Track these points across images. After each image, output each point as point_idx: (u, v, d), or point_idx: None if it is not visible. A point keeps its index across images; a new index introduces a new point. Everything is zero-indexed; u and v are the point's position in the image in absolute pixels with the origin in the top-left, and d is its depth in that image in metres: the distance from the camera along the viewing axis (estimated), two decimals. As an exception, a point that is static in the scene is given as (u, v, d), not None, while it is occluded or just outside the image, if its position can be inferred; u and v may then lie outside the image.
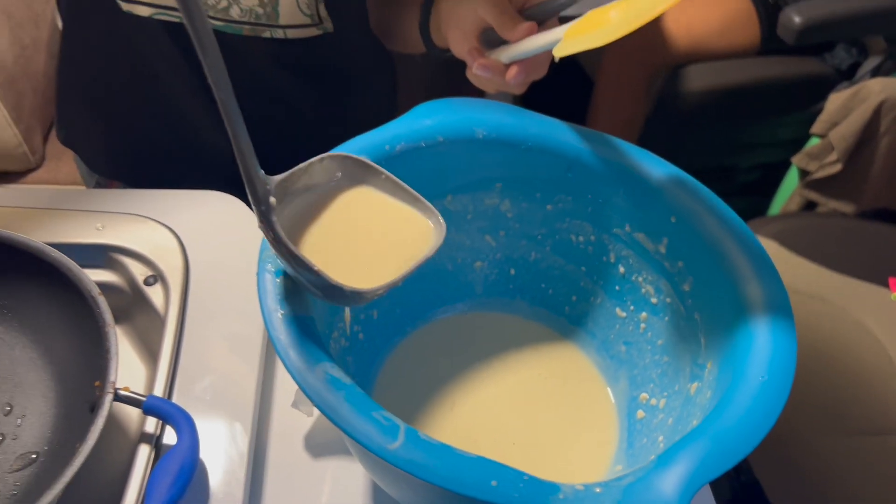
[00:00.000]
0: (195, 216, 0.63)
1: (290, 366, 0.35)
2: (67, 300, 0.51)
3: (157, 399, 0.47)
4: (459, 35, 0.58)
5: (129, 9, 0.64)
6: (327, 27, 0.69)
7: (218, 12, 0.65)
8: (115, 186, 0.81)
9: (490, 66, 0.55)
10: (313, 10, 0.68)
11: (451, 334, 0.57)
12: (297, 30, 0.68)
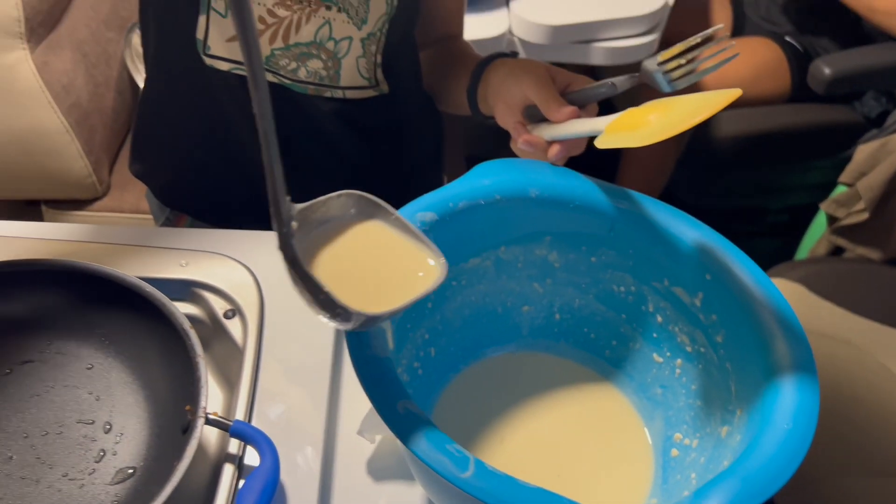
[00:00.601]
0: (268, 255, 0.70)
1: (376, 401, 0.41)
2: (160, 330, 0.58)
3: (241, 423, 0.53)
4: (505, 108, 0.64)
5: (211, 63, 0.72)
6: (383, 89, 0.76)
7: (288, 73, 0.72)
8: (184, 220, 0.88)
9: (534, 143, 0.60)
10: (371, 73, 0.75)
11: (500, 372, 0.62)
12: (355, 91, 0.75)
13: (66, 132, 1.15)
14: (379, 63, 0.75)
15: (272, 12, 0.68)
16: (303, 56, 0.71)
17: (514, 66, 0.65)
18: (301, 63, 0.71)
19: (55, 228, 0.70)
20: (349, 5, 0.69)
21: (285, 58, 0.71)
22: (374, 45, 0.73)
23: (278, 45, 0.70)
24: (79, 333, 0.61)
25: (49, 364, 0.60)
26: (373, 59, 0.74)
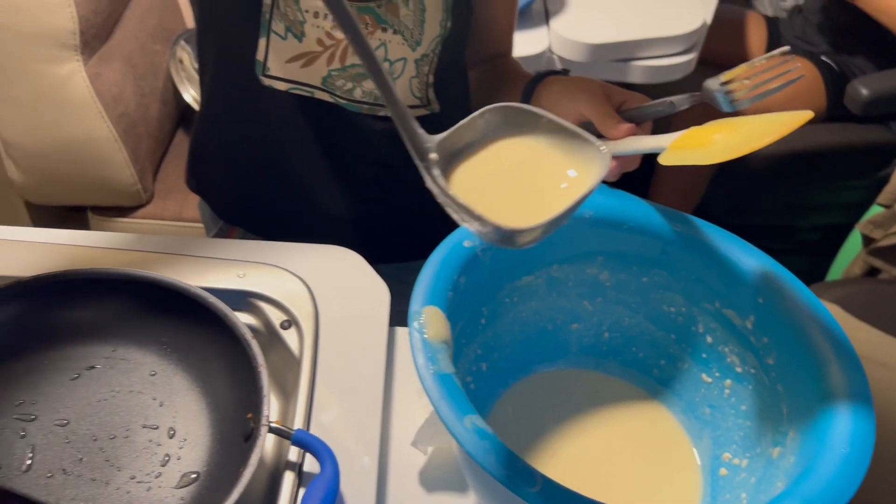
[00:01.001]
0: (321, 268, 0.72)
1: (444, 416, 0.43)
2: (221, 340, 0.60)
3: (303, 432, 0.54)
4: None
5: (270, 84, 0.74)
6: (434, 108, 0.78)
7: (344, 93, 0.74)
8: (236, 232, 0.90)
9: None
10: (423, 93, 0.77)
11: (549, 388, 0.64)
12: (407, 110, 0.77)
13: (114, 141, 1.19)
14: (431, 83, 0.76)
15: (330, 35, 0.70)
16: (359, 76, 0.73)
17: (567, 84, 0.66)
18: (357, 83, 0.73)
19: (116, 238, 0.73)
20: (405, 28, 0.71)
21: (342, 78, 0.73)
22: (426, 66, 0.75)
23: (335, 67, 0.72)
24: (142, 341, 0.64)
25: (114, 370, 0.62)
26: (425, 78, 0.76)
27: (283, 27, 0.70)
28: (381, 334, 0.67)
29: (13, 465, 0.55)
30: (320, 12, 0.69)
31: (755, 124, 0.50)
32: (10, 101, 1.12)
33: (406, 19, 0.70)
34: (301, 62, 0.72)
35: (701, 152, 0.51)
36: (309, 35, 0.70)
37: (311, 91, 0.74)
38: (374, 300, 0.70)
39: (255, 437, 0.53)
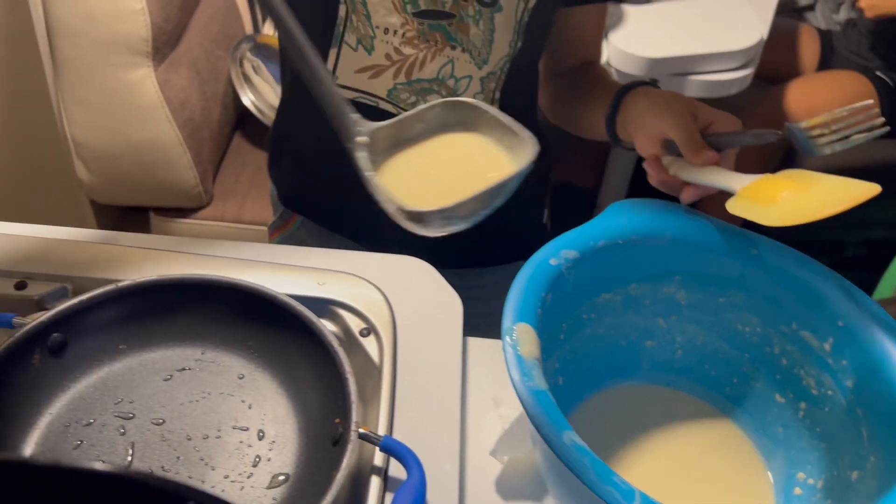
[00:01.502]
0: (396, 278, 0.74)
1: (543, 433, 0.44)
2: (308, 346, 0.62)
3: (390, 439, 0.56)
4: (644, 140, 0.66)
5: None
6: None
7: (407, 105, 0.76)
8: (294, 220, 0.94)
9: (668, 183, 0.63)
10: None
11: (621, 403, 0.65)
12: None
13: (179, 145, 1.22)
14: (497, 99, 0.78)
15: (398, 50, 0.72)
16: (423, 91, 0.75)
17: (655, 99, 0.66)
18: (421, 97, 0.75)
19: (196, 243, 0.76)
20: (473, 46, 0.73)
21: (406, 92, 0.75)
22: (493, 83, 0.76)
23: (401, 80, 0.74)
24: (229, 345, 0.66)
25: (204, 372, 0.65)
26: (490, 95, 0.77)
27: (354, 39, 0.73)
28: (455, 344, 0.69)
29: (116, 462, 0.58)
30: (390, 29, 0.71)
31: (824, 187, 0.50)
32: (83, 105, 1.16)
33: (475, 38, 0.72)
34: (369, 73, 0.75)
35: (767, 211, 0.51)
36: (378, 49, 0.73)
37: (377, 101, 0.76)
38: (448, 310, 0.72)
39: (345, 441, 0.55)
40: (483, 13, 0.70)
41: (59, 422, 0.60)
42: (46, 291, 0.69)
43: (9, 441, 0.57)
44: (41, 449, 0.58)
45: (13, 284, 0.69)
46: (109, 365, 0.64)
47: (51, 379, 0.60)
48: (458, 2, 0.70)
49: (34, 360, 0.59)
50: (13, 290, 0.69)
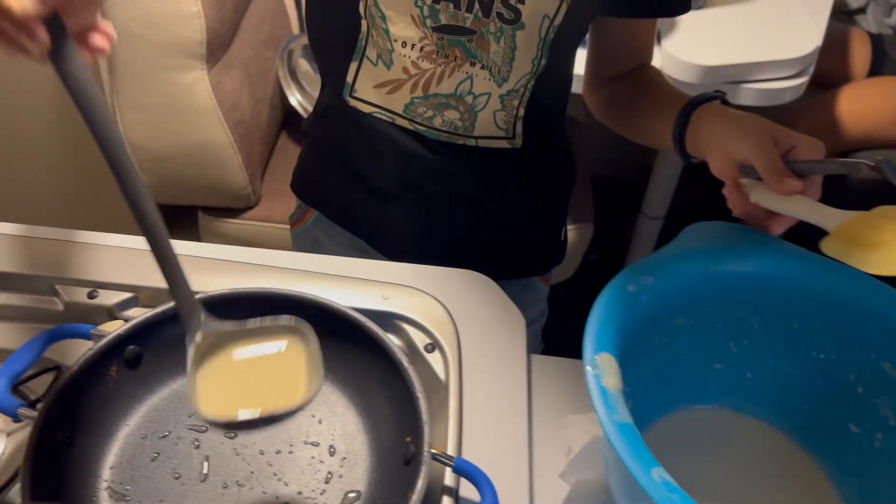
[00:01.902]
0: (458, 292, 0.74)
1: (631, 468, 0.44)
2: (376, 362, 0.62)
3: (463, 461, 0.57)
4: (721, 162, 0.63)
5: (355, 105, 0.77)
6: (516, 143, 0.79)
7: (425, 120, 0.76)
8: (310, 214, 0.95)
9: (753, 214, 0.60)
10: (510, 125, 0.77)
11: (689, 427, 0.65)
12: (488, 140, 0.78)
13: (230, 146, 1.23)
14: (521, 116, 0.76)
15: (416, 64, 0.72)
16: (440, 106, 0.74)
17: (731, 122, 0.63)
18: (438, 112, 0.75)
19: (260, 254, 0.76)
20: (492, 63, 0.71)
21: (423, 106, 0.75)
22: (516, 100, 0.75)
23: (418, 94, 0.74)
24: (298, 358, 0.67)
25: (274, 385, 0.65)
26: (514, 111, 0.76)
27: (375, 54, 0.73)
28: (520, 362, 0.69)
29: (192, 475, 0.59)
30: (408, 42, 0.71)
31: None
32: (138, 107, 1.18)
33: (495, 56, 0.71)
34: (387, 88, 0.75)
35: (867, 258, 0.48)
36: (396, 63, 0.72)
37: (392, 117, 0.76)
38: (511, 326, 0.72)
39: (419, 462, 0.55)
40: (504, 31, 0.69)
41: (137, 433, 0.61)
42: (117, 301, 0.71)
43: (91, 451, 0.58)
44: (120, 460, 0.59)
45: (86, 294, 0.71)
46: (182, 377, 0.65)
47: (127, 390, 0.61)
48: (480, 18, 0.68)
49: (112, 372, 0.60)
50: (86, 298, 0.70)
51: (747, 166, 0.61)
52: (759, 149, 0.59)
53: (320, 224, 0.93)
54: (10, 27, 0.40)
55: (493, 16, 0.68)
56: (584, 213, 1.41)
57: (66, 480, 0.55)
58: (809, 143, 0.59)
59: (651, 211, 1.49)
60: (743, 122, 0.62)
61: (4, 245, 0.73)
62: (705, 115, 0.68)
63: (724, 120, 0.64)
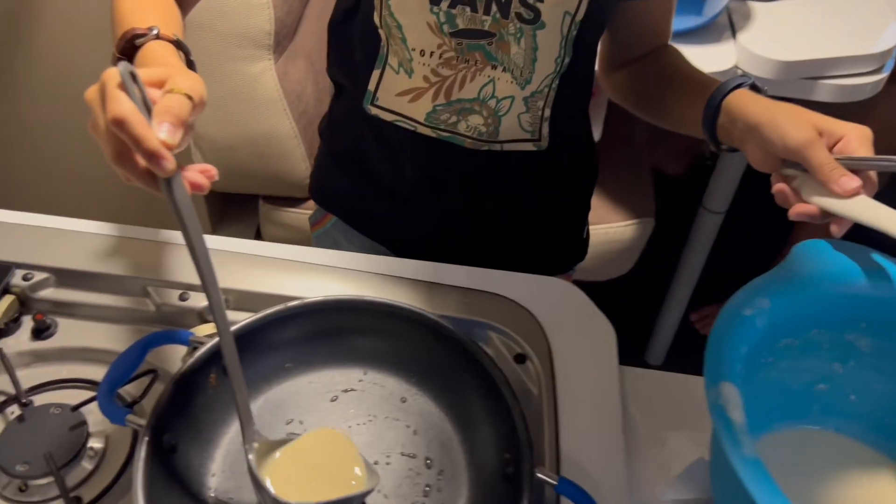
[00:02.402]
0: (545, 300, 0.73)
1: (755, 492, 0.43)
2: (470, 372, 0.62)
3: (567, 482, 0.56)
4: (761, 155, 0.58)
5: (376, 113, 0.76)
6: (542, 145, 0.77)
7: (448, 126, 0.74)
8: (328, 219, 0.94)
9: (809, 214, 0.55)
10: (535, 128, 0.75)
11: (790, 447, 0.63)
12: (514, 143, 0.76)
13: (294, 137, 1.23)
14: (547, 117, 0.75)
15: (436, 72, 0.71)
16: (464, 111, 0.73)
17: (770, 112, 0.58)
18: (461, 118, 0.73)
19: (340, 257, 0.76)
20: (514, 66, 0.69)
21: (447, 112, 0.73)
22: (540, 101, 0.73)
23: (441, 102, 0.72)
24: (390, 366, 0.67)
25: (367, 393, 0.65)
26: (539, 113, 0.74)
27: (396, 62, 0.72)
28: (612, 375, 0.68)
29: (293, 485, 0.59)
30: (426, 51, 0.69)
31: None
32: (205, 97, 1.17)
33: (517, 57, 0.69)
34: (409, 97, 0.73)
35: None
36: (417, 71, 0.71)
37: (414, 126, 0.75)
38: (602, 337, 0.71)
39: (521, 482, 0.55)
40: (524, 31, 0.67)
41: (237, 441, 0.61)
42: (207, 304, 0.71)
43: (194, 460, 0.59)
44: (223, 468, 0.60)
45: (177, 296, 0.71)
46: (277, 384, 0.65)
47: (226, 398, 0.61)
48: (498, 20, 0.67)
49: (211, 380, 0.61)
50: (177, 300, 0.71)
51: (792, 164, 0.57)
52: (808, 144, 0.54)
53: (339, 227, 0.93)
54: (145, 153, 0.44)
55: (512, 16, 0.66)
56: (645, 207, 1.39)
57: (174, 489, 0.55)
58: (859, 132, 0.55)
59: (712, 205, 1.46)
60: (784, 113, 0.57)
61: (95, 244, 0.74)
62: (738, 104, 0.63)
63: (761, 109, 0.59)
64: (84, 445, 0.61)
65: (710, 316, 1.70)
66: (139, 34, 0.54)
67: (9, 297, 0.70)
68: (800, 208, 0.56)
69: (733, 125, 0.63)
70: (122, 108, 0.44)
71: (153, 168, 0.45)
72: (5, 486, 0.59)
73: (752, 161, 0.60)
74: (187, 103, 0.47)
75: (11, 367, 0.65)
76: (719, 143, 0.67)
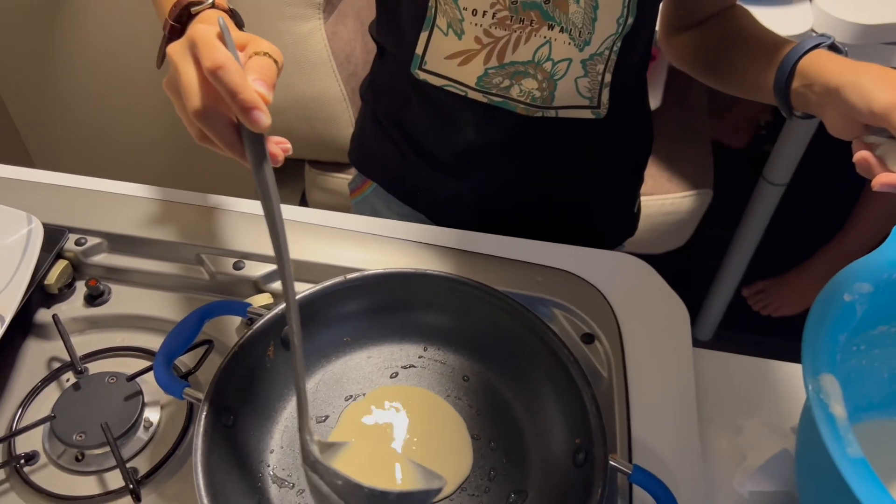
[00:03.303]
0: (616, 278, 0.69)
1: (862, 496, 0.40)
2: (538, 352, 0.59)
3: (642, 471, 0.53)
4: (842, 122, 0.54)
5: (425, 78, 0.72)
6: (600, 113, 0.72)
7: (500, 90, 0.70)
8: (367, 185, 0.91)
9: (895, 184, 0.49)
10: (594, 94, 0.70)
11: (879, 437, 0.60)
12: (570, 110, 0.71)
13: (343, 100, 1.19)
14: (607, 83, 0.70)
15: (488, 32, 0.66)
16: (518, 75, 0.68)
17: (853, 73, 0.53)
18: (515, 81, 0.69)
19: (405, 228, 0.73)
20: (573, 26, 0.64)
21: (499, 76, 0.69)
22: (600, 65, 0.68)
23: (493, 65, 0.68)
24: (451, 343, 0.64)
25: (428, 370, 0.63)
26: (599, 78, 0.69)
27: (445, 23, 0.67)
28: (686, 358, 0.64)
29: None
30: (479, 10, 0.65)
31: None
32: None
33: (575, 17, 0.64)
34: (459, 59, 0.69)
35: None
36: (468, 33, 0.67)
37: (465, 90, 0.71)
38: (675, 318, 0.67)
39: (594, 470, 0.52)
40: None
41: (296, 415, 0.59)
42: (262, 273, 0.69)
43: (253, 435, 0.57)
44: (281, 444, 0.58)
45: (231, 264, 0.69)
46: (336, 358, 0.63)
47: (284, 372, 0.60)
48: None
49: (269, 353, 0.59)
50: (232, 269, 0.69)
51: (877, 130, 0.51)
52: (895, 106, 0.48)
53: (379, 194, 0.89)
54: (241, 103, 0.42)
55: None
56: (704, 178, 1.33)
57: (232, 465, 0.54)
58: None
59: (773, 177, 1.40)
60: (867, 73, 0.52)
61: (148, 210, 0.72)
62: (815, 65, 0.58)
63: (842, 70, 0.54)
64: (140, 416, 0.60)
65: (764, 291, 1.64)
66: (195, 2, 0.52)
67: (62, 262, 0.68)
68: (884, 178, 0.50)
69: (809, 89, 0.58)
70: (223, 56, 0.43)
71: (246, 120, 0.43)
72: (60, 455, 0.58)
73: (830, 128, 0.55)
74: (274, 66, 0.46)
75: (66, 333, 0.64)
76: (792, 110, 0.62)
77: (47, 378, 0.63)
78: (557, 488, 0.55)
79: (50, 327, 0.65)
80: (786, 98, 0.61)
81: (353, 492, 0.43)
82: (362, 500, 0.43)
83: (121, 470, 0.56)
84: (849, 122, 0.53)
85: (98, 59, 1.36)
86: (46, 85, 1.42)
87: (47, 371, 0.64)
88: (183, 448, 0.59)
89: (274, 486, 0.55)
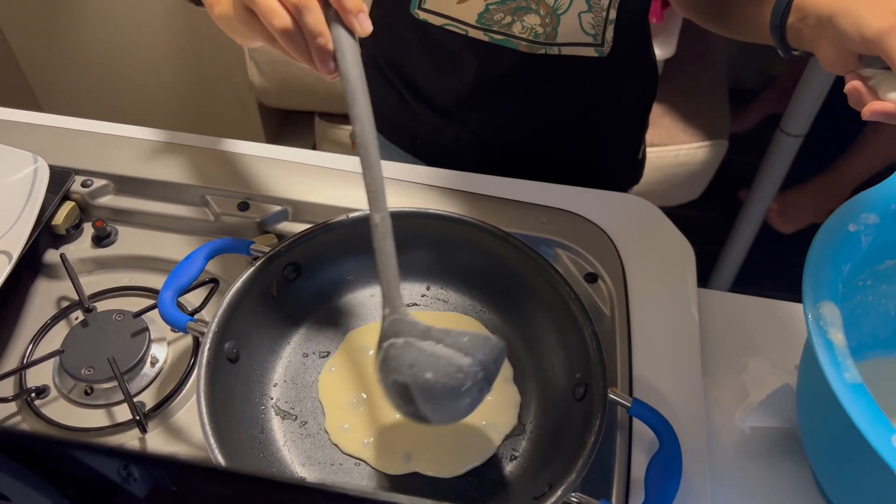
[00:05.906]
0: (620, 218, 0.69)
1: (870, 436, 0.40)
2: (540, 290, 0.59)
3: (641, 405, 0.53)
4: (833, 53, 0.51)
5: (425, 17, 0.70)
6: (603, 51, 0.70)
7: (502, 27, 0.68)
8: None
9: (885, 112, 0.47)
10: (598, 31, 0.68)
11: (884, 375, 0.59)
12: (573, 47, 0.69)
13: (351, 50, 1.18)
14: (612, 19, 0.67)
15: None
16: (520, 10, 0.66)
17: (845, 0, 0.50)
18: (517, 17, 0.67)
19: (410, 170, 0.73)
20: None
21: (501, 12, 0.67)
22: (604, 0, 0.66)
23: (494, 0, 0.66)
24: (454, 281, 0.64)
25: (431, 309, 0.63)
26: (603, 14, 0.67)
27: None
28: (690, 297, 0.64)
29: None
30: None
31: None
32: (260, 6, 1.13)
33: None
34: None
35: None
36: None
37: (465, 29, 0.69)
38: (679, 258, 0.67)
39: (594, 403, 0.52)
40: None
41: (298, 351, 0.60)
42: (267, 214, 0.69)
43: (256, 369, 0.58)
44: (284, 378, 0.58)
45: (236, 205, 0.69)
46: (339, 296, 0.63)
47: (287, 308, 0.60)
48: None
49: (272, 290, 0.59)
50: (236, 210, 0.69)
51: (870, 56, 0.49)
52: (888, 30, 0.46)
53: (381, 143, 0.88)
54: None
55: None
56: (719, 129, 1.31)
57: (235, 397, 0.55)
58: None
59: (790, 128, 1.37)
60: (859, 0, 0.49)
61: (153, 151, 0.72)
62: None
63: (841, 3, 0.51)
64: (146, 352, 0.61)
65: (791, 205, 1.58)
66: None
67: (69, 203, 0.69)
68: (875, 105, 0.48)
69: (804, 22, 0.55)
70: None
71: (349, 20, 0.47)
72: (71, 390, 0.59)
73: (824, 63, 0.53)
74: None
75: (74, 273, 0.65)
76: (789, 49, 0.59)
77: (57, 316, 0.64)
78: (560, 420, 0.56)
79: (59, 267, 0.66)
80: (782, 36, 0.59)
81: (480, 344, 0.45)
82: (487, 352, 0.44)
83: (128, 402, 0.57)
84: (842, 53, 0.51)
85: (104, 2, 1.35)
86: (53, 29, 1.42)
87: (56, 309, 0.65)
88: (188, 384, 0.60)
89: (277, 418, 0.56)
